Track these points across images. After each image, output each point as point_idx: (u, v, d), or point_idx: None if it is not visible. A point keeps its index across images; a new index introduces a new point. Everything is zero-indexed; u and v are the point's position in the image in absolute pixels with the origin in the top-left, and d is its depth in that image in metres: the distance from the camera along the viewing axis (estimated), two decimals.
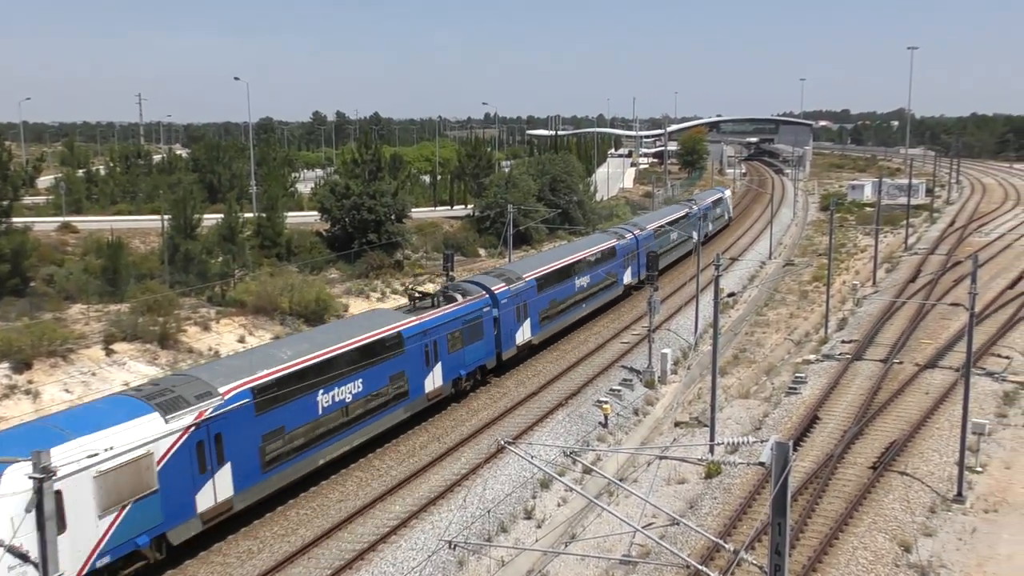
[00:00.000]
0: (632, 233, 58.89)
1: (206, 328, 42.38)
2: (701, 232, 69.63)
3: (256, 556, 25.73)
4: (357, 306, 51.07)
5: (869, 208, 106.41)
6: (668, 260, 65.61)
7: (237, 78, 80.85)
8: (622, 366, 43.61)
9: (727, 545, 14.49)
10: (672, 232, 64.79)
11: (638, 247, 58.60)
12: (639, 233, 59.58)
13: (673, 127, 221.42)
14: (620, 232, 58.37)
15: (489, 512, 27.71)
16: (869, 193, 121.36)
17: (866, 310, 55.77)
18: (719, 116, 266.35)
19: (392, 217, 64.17)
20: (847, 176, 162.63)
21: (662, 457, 17.81)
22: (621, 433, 36.28)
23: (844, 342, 48.06)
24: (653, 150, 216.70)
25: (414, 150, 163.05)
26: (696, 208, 76.16)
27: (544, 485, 30.14)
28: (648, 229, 61.98)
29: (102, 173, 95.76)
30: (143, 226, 63.44)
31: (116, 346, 37.81)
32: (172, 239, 50.26)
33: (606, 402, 37.07)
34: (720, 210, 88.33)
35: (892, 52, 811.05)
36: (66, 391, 33.62)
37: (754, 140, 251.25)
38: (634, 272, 58.30)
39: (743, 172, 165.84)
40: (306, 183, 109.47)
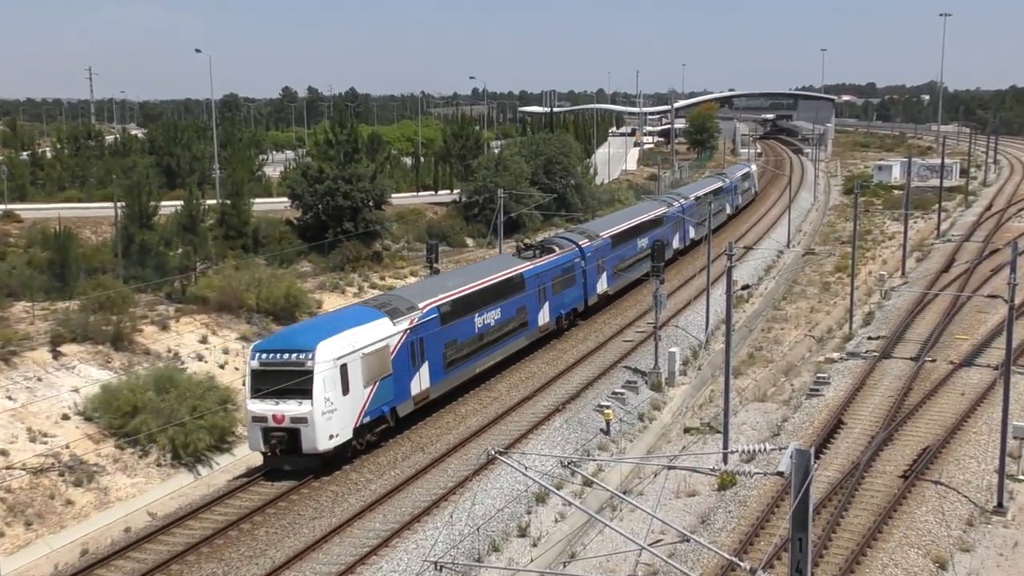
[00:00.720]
0: (678, 202, 69.95)
1: (164, 327, 42.28)
2: (733, 204, 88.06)
3: None
4: (332, 302, 50.99)
5: (897, 191, 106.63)
6: (705, 231, 72.19)
7: (198, 50, 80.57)
8: (625, 367, 43.62)
9: (743, 564, 14.44)
10: (711, 202, 74.48)
11: (684, 214, 69.44)
12: (683, 202, 70.64)
13: (680, 103, 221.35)
14: (668, 200, 70.20)
15: (479, 529, 27.69)
16: (897, 175, 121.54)
17: (894, 303, 55.89)
18: (731, 90, 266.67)
19: (370, 204, 64.06)
20: (873, 156, 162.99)
21: (670, 467, 17.80)
22: (625, 441, 36.27)
23: (870, 338, 48.15)
24: (658, 128, 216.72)
25: (394, 129, 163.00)
26: (728, 181, 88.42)
27: (540, 499, 30.12)
28: (691, 199, 73.08)
29: (48, 156, 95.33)
30: (94, 215, 63.20)
31: (64, 348, 37.64)
32: (126, 229, 50.08)
33: (608, 407, 37.06)
34: (748, 183, 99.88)
35: (922, 19, 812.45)
36: (8, 398, 33.47)
37: (770, 117, 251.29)
38: (681, 238, 70.05)
39: (758, 152, 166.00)
40: (275, 166, 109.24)
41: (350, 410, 31.86)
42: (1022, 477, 31.08)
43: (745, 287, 60.75)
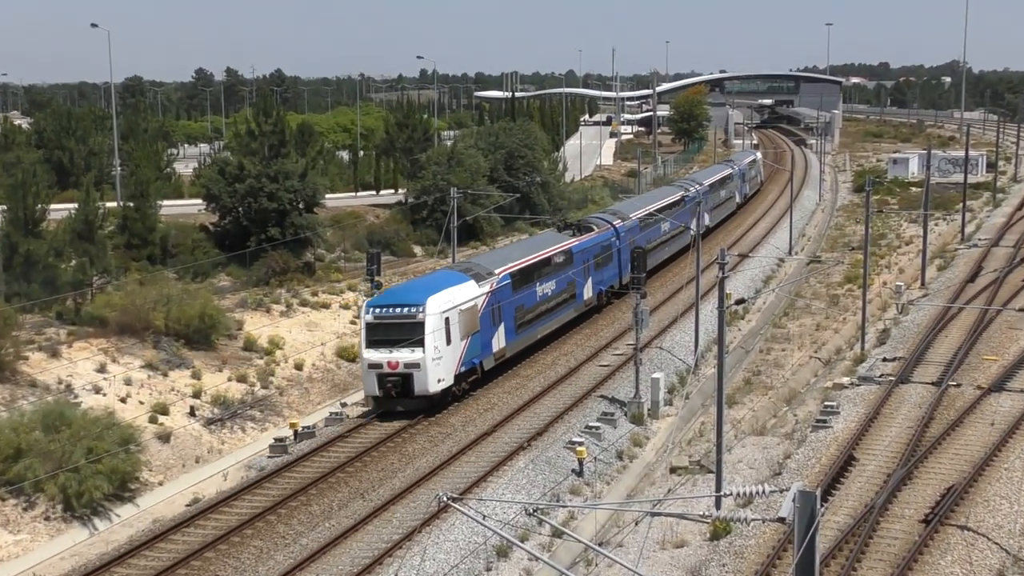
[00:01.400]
0: (694, 187, 79.89)
1: (54, 354, 41.86)
2: (742, 193, 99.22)
3: None
4: (255, 322, 50.75)
5: (915, 189, 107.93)
6: (718, 218, 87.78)
7: (95, 25, 79.97)
8: (601, 396, 43.70)
9: None
10: (721, 189, 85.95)
11: (699, 199, 76.48)
12: (699, 188, 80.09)
13: (664, 86, 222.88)
14: (685, 185, 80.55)
15: None
16: (915, 169, 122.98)
17: (913, 319, 56.44)
18: (723, 72, 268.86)
19: (300, 206, 63.86)
20: (887, 147, 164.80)
21: (654, 514, 17.82)
22: (601, 483, 36.26)
23: (886, 360, 48.56)
24: (638, 116, 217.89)
25: (329, 118, 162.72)
26: (737, 168, 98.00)
27: (501, 553, 30.06)
28: (705, 184, 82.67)
29: None
30: None
31: None
32: (9, 237, 49.51)
33: (581, 443, 37.08)
34: (754, 172, 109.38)
35: None
36: None
37: (768, 102, 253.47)
38: (698, 224, 77.19)
39: (754, 143, 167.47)
40: (187, 162, 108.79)
41: (452, 358, 41.64)
42: None
43: (740, 301, 60.89)
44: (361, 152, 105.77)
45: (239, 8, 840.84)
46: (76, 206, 53.87)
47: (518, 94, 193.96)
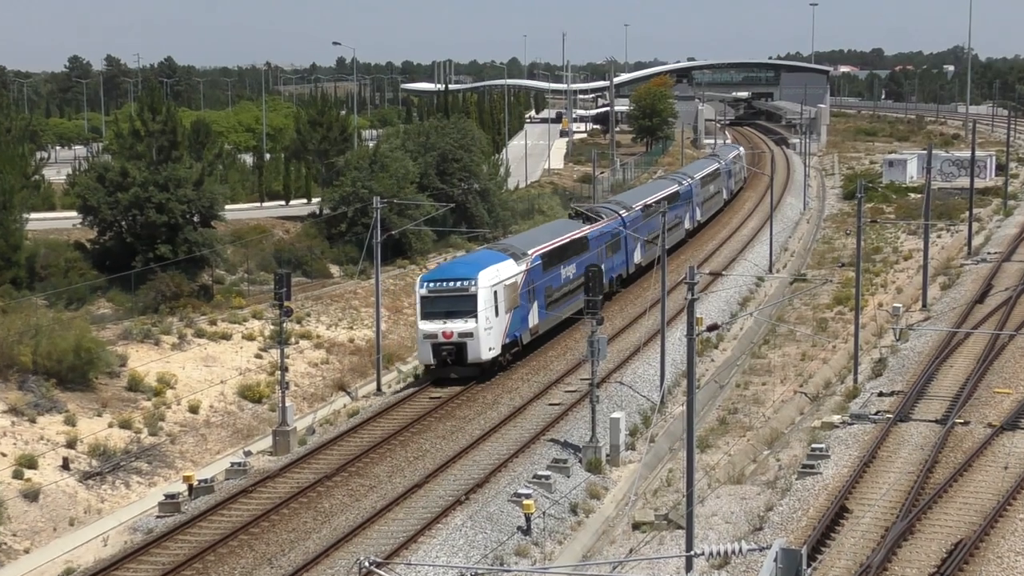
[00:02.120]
0: (687, 180, 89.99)
1: None
2: (729, 189, 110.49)
3: None
4: (142, 356, 50.29)
5: (915, 195, 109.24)
6: (709, 212, 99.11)
7: None
8: (551, 440, 43.67)
9: None
10: (711, 184, 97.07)
11: (692, 194, 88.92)
12: (690, 182, 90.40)
13: (623, 77, 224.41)
14: (678, 179, 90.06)
15: None
16: (914, 172, 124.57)
17: (913, 346, 56.97)
18: (691, 60, 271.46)
19: (195, 219, 63.35)
20: (881, 147, 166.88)
21: None
22: (552, 543, 36.18)
23: (882, 395, 48.94)
24: (593, 112, 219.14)
25: (229, 115, 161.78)
26: (723, 163, 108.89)
27: None
28: (696, 178, 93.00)
29: None
30: None
31: None
32: None
33: (528, 496, 36.99)
34: (739, 167, 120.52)
35: None
36: None
37: (744, 95, 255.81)
38: (691, 218, 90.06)
39: (728, 143, 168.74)
40: (60, 168, 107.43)
41: (499, 329, 51.31)
42: None
43: (713, 327, 61.14)
44: (268, 155, 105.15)
45: None
46: None
47: (452, 86, 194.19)
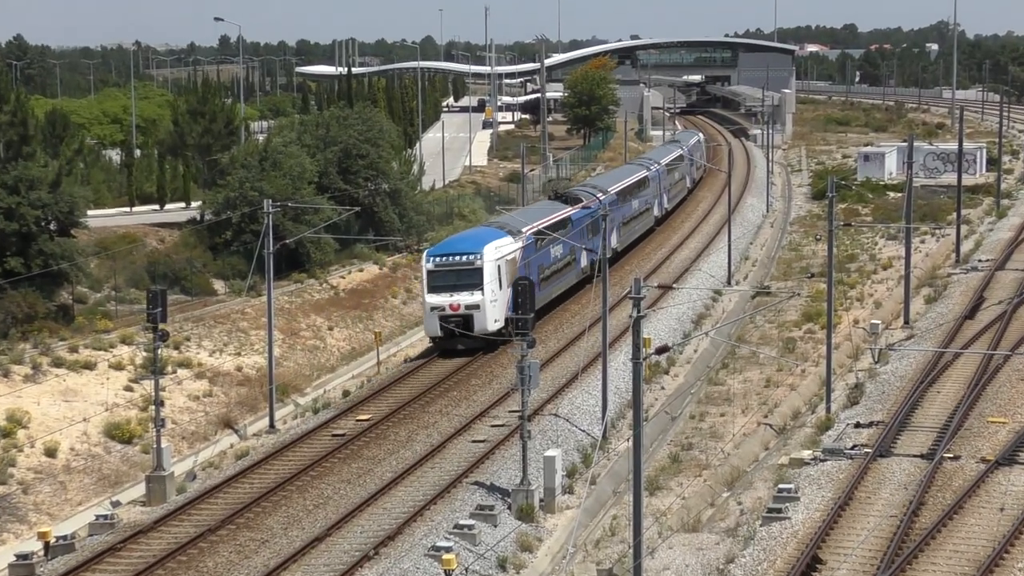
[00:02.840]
0: (655, 166, 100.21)
1: None
2: (691, 178, 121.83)
3: None
4: None
5: (895, 194, 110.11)
6: (675, 201, 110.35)
7: None
8: (475, 483, 43.57)
9: None
10: (675, 171, 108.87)
11: (660, 181, 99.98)
12: (657, 168, 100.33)
13: (556, 58, 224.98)
14: (645, 164, 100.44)
15: None
16: (894, 168, 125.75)
17: (895, 369, 57.33)
18: (635, 39, 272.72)
19: (51, 227, 62.66)
20: (855, 138, 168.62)
21: None
22: None
23: (860, 426, 49.14)
24: (521, 99, 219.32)
25: (92, 103, 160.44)
26: (685, 149, 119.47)
27: None
28: (662, 165, 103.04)
29: None
30: None
31: None
32: None
33: (449, 549, 36.83)
34: (699, 155, 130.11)
35: None
36: None
37: (696, 79, 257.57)
38: (660, 205, 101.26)
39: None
40: None
41: (503, 302, 59.24)
42: None
43: (663, 350, 61.20)
44: (138, 151, 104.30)
45: None
46: None
47: (356, 70, 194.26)
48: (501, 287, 59.62)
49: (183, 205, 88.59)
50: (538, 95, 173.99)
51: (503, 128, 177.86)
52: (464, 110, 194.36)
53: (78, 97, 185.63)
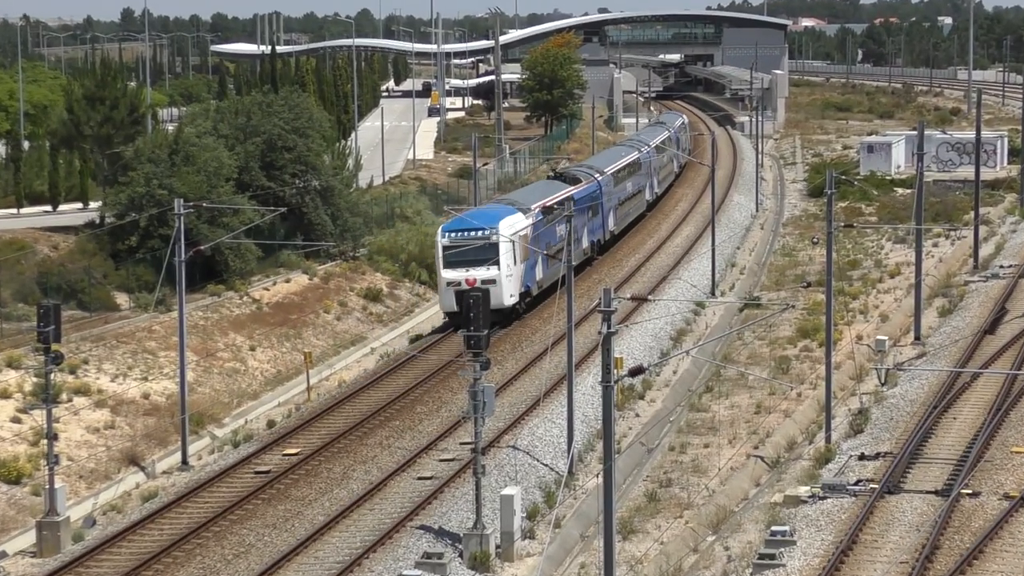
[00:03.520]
0: (647, 147, 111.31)
1: None
2: (676, 162, 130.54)
3: None
4: None
5: (903, 190, 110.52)
6: (664, 185, 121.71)
7: None
8: (421, 527, 43.54)
9: None
10: (663, 153, 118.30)
11: (651, 162, 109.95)
12: (648, 149, 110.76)
13: (513, 35, 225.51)
14: (636, 146, 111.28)
15: None
16: (902, 160, 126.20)
17: (904, 392, 57.52)
18: (604, 12, 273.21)
19: None
20: (858, 126, 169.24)
21: None
22: None
23: (864, 458, 49.28)
24: (473, 82, 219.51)
25: None
26: (672, 131, 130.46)
27: None
28: (652, 146, 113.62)
29: None
30: None
31: None
32: None
33: None
34: (684, 137, 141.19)
35: None
36: None
37: (675, 59, 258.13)
38: (651, 189, 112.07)
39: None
40: None
41: (518, 277, 69.79)
42: None
43: (637, 371, 61.30)
44: (27, 143, 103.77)
45: None
46: None
47: (281, 48, 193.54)
48: (516, 262, 69.06)
49: (80, 206, 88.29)
50: (492, 78, 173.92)
51: (452, 116, 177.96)
52: (407, 95, 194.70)
53: None
